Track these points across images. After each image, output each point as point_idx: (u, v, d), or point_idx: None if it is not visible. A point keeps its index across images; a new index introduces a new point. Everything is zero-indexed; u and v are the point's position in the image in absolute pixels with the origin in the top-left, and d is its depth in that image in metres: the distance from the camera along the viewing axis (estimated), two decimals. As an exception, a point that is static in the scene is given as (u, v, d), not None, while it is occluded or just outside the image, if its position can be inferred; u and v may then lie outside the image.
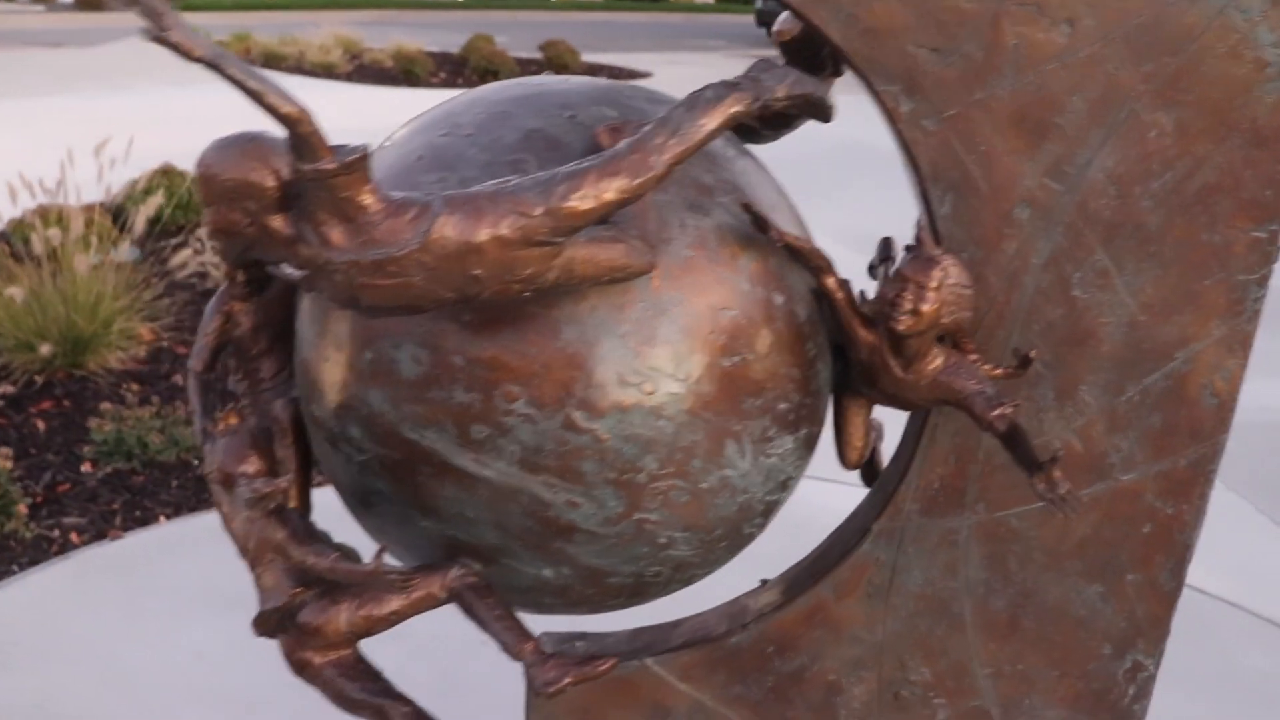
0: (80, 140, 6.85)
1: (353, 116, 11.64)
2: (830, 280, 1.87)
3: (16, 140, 10.32)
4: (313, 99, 2.04)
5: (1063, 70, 1.85)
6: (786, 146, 2.40)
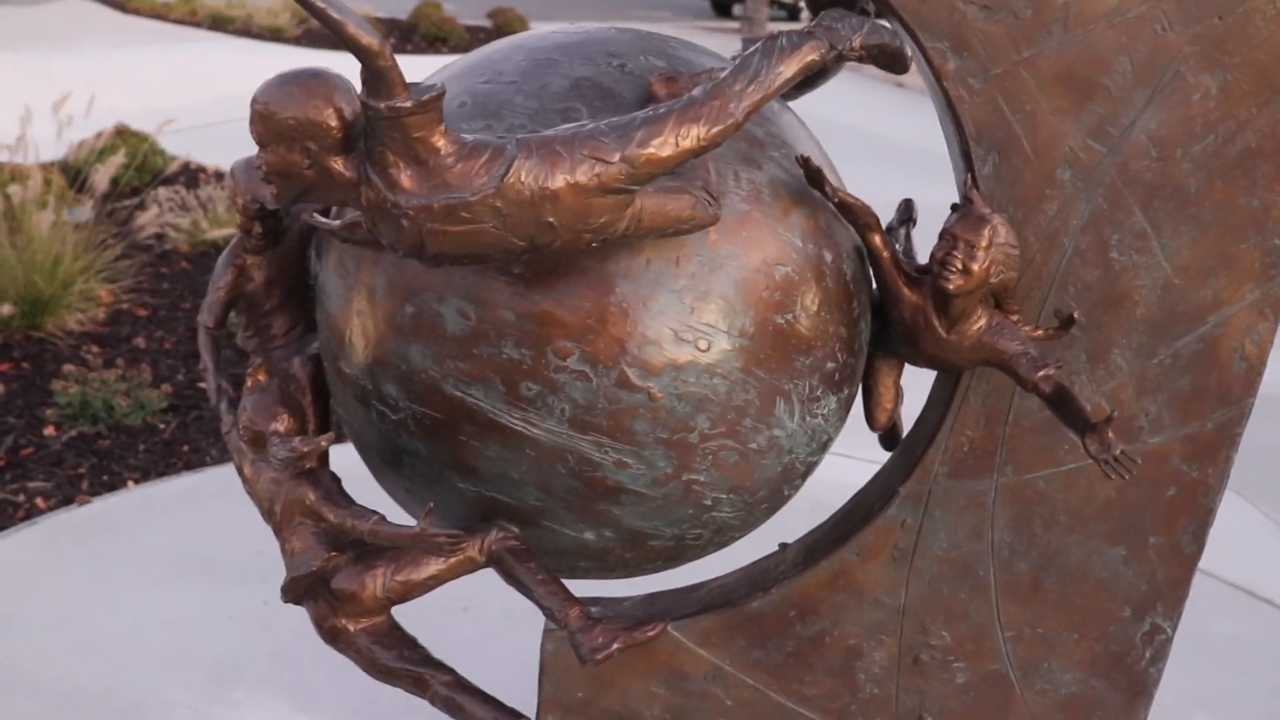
0: (36, 98, 6.62)
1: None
2: (877, 238, 1.85)
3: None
4: (261, 63, 1.95)
5: (1111, 29, 1.83)
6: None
